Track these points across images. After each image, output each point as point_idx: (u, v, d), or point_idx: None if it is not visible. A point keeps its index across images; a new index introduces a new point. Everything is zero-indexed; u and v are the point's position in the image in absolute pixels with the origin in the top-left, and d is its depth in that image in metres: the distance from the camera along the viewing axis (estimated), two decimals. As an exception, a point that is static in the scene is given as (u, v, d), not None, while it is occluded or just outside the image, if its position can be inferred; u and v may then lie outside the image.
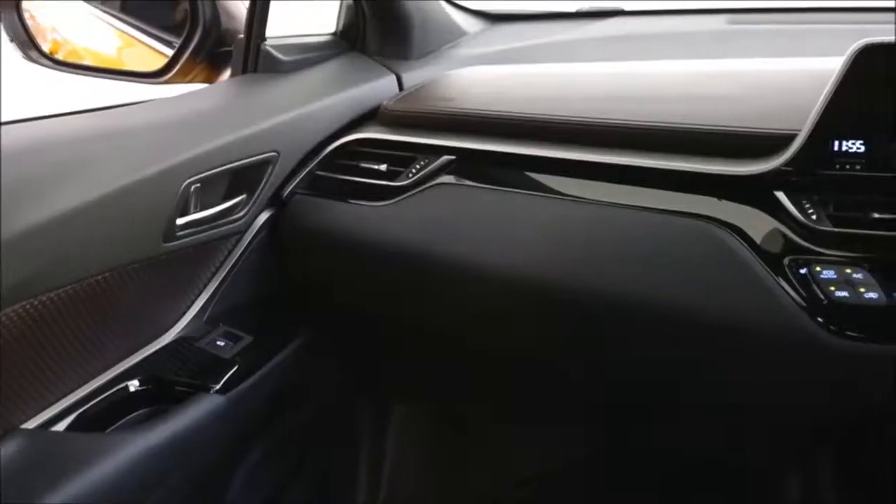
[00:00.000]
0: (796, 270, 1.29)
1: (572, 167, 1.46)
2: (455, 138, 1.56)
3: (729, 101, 1.45)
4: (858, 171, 1.27)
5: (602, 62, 1.72)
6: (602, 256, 1.42)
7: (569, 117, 1.51)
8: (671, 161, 1.40)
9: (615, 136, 1.46)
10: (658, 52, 1.77)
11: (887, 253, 1.26)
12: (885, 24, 1.77)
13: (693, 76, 1.58)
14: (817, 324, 1.28)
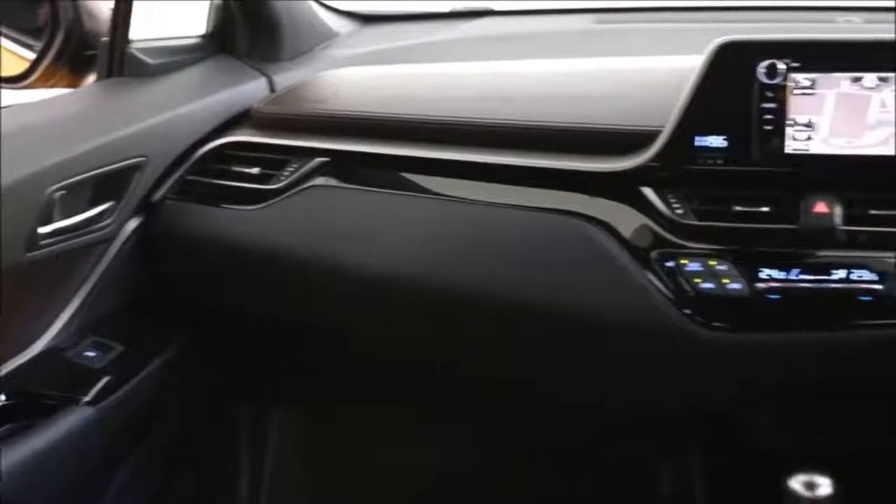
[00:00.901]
0: (663, 264, 1.32)
1: (446, 167, 1.47)
2: (328, 140, 1.55)
3: (597, 100, 1.47)
4: (720, 165, 1.31)
5: (474, 62, 1.73)
6: (477, 255, 1.44)
7: (442, 117, 1.51)
8: (542, 159, 1.42)
9: (488, 136, 1.47)
10: (528, 51, 1.78)
11: (749, 244, 1.30)
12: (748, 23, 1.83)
13: (562, 75, 1.60)
14: (685, 315, 1.31)
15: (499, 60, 1.71)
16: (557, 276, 1.39)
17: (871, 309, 1.26)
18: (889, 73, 1.26)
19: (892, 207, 1.27)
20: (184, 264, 1.62)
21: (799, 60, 1.27)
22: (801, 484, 1.29)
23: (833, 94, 1.27)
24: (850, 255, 1.28)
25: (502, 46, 1.87)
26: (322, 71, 1.77)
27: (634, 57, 1.62)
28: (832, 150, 1.28)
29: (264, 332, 1.70)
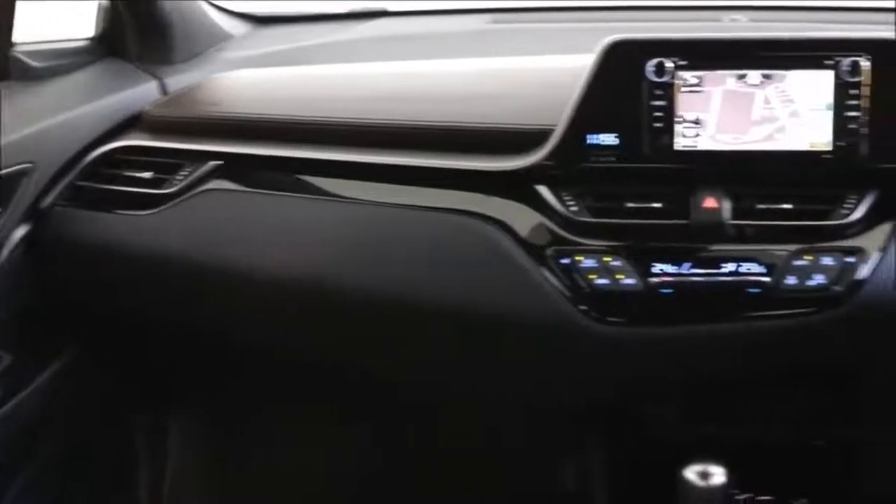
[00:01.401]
0: (559, 261, 1.33)
1: (342, 168, 1.46)
2: (222, 143, 1.53)
3: (492, 99, 1.48)
4: (612, 163, 1.33)
5: (370, 63, 1.73)
6: (375, 256, 1.44)
7: (338, 119, 1.51)
8: (438, 159, 1.42)
9: (383, 136, 1.47)
10: (424, 51, 1.79)
11: (642, 240, 1.33)
12: (639, 23, 1.87)
13: (458, 75, 1.61)
14: (580, 311, 1.33)
15: (395, 61, 1.71)
16: (455, 275, 1.40)
17: (759, 301, 1.30)
18: (772, 70, 1.29)
19: (777, 201, 1.31)
20: (75, 271, 1.58)
21: (686, 59, 1.30)
22: (696, 474, 1.31)
23: (719, 91, 1.30)
24: (738, 248, 1.31)
25: (398, 47, 1.87)
26: (215, 73, 1.75)
27: (529, 56, 1.64)
28: (719, 147, 1.31)
29: (161, 337, 1.67)
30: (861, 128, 1.27)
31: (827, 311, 1.29)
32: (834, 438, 1.53)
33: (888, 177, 1.29)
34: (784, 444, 1.54)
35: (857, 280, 1.28)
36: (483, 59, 1.67)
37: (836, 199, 1.31)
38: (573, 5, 1.94)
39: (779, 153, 1.30)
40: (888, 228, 1.29)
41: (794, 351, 1.37)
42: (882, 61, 1.26)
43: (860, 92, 1.27)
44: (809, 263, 1.28)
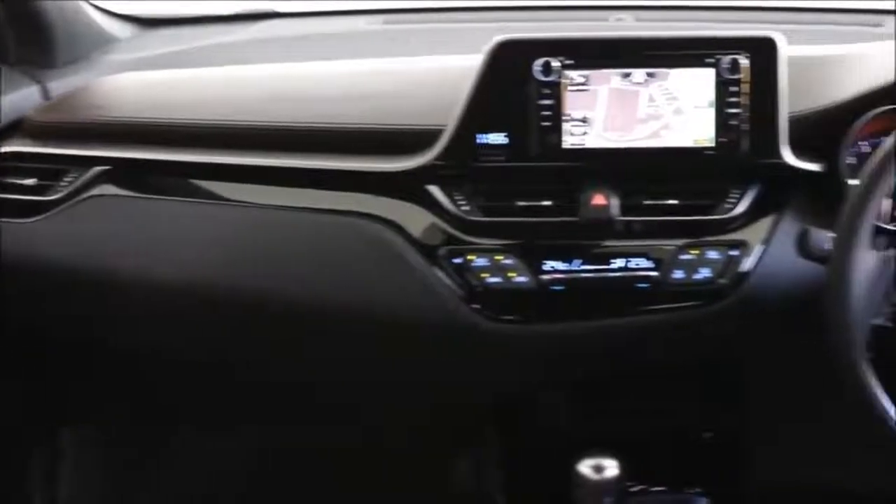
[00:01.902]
0: (451, 261, 1.34)
1: (233, 172, 1.44)
2: (109, 148, 1.49)
3: (384, 100, 1.48)
4: (502, 162, 1.34)
5: (260, 64, 1.71)
6: (269, 260, 1.42)
7: (228, 121, 1.49)
8: (329, 161, 1.42)
9: (275, 139, 1.45)
10: (315, 52, 1.77)
11: (533, 238, 1.34)
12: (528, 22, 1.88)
13: (349, 76, 1.60)
14: (474, 310, 1.34)
15: (285, 63, 1.69)
16: (349, 277, 1.40)
17: (648, 295, 1.32)
18: (656, 68, 1.32)
19: (664, 197, 1.34)
20: None
21: (572, 58, 1.32)
22: (589, 467, 1.33)
23: (605, 89, 1.32)
24: (627, 244, 1.33)
25: (288, 48, 1.85)
26: (100, 76, 1.70)
27: (420, 57, 1.64)
28: (606, 144, 1.33)
29: (50, 349, 1.63)
30: (742, 124, 1.31)
31: (713, 304, 1.32)
32: (722, 429, 1.56)
33: (769, 171, 1.32)
34: (676, 436, 1.58)
35: (741, 272, 1.31)
36: (375, 59, 1.66)
37: (720, 193, 1.34)
38: (463, 6, 1.94)
39: (664, 150, 1.32)
40: (769, 221, 1.33)
41: (683, 343, 1.40)
42: (760, 59, 1.30)
43: (740, 89, 1.30)
44: (695, 257, 1.31)
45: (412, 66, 1.60)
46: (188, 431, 1.81)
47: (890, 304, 1.12)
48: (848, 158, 1.33)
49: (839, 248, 1.11)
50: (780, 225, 1.32)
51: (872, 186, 1.10)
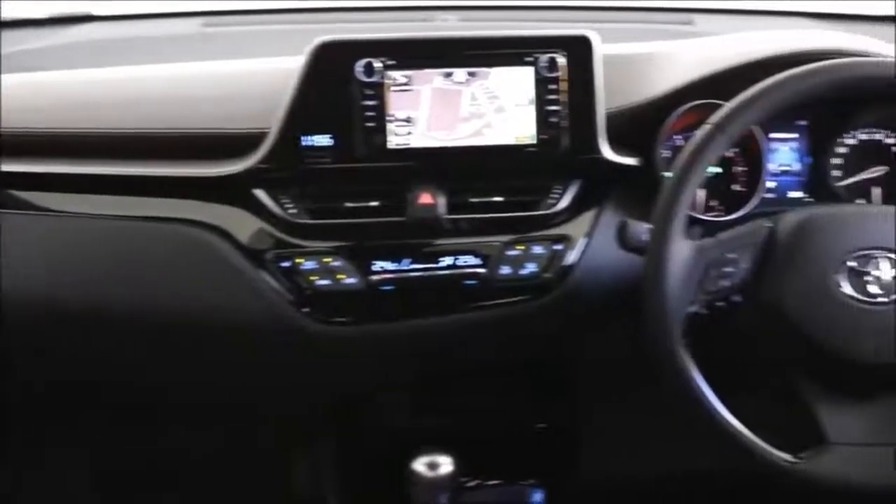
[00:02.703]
0: (280, 265, 1.33)
1: (51, 181, 1.39)
2: None
3: (206, 103, 1.45)
4: (328, 163, 1.33)
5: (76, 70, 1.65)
6: (98, 270, 1.39)
7: (43, 129, 1.43)
8: (153, 167, 1.38)
9: (96, 146, 1.41)
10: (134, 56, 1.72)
11: (362, 239, 1.34)
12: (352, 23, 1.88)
13: (170, 80, 1.56)
14: (304, 314, 1.33)
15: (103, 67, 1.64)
16: (180, 285, 1.37)
17: (477, 292, 1.34)
18: (477, 67, 1.33)
19: (489, 195, 1.36)
20: None
21: (394, 58, 1.32)
22: (424, 465, 1.34)
23: (428, 89, 1.33)
24: (455, 242, 1.35)
25: (106, 52, 1.79)
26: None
27: (242, 60, 1.61)
28: (431, 143, 1.34)
29: None
30: (561, 121, 1.34)
31: (540, 298, 1.35)
32: (554, 421, 1.60)
33: (589, 166, 1.36)
34: (509, 429, 1.60)
35: (565, 266, 1.34)
36: (197, 62, 1.62)
37: (543, 189, 1.37)
38: (285, 7, 1.93)
39: (487, 148, 1.34)
40: (591, 215, 1.36)
41: (514, 338, 1.42)
42: (576, 57, 1.33)
43: (559, 87, 1.33)
44: (521, 253, 1.34)
45: (234, 68, 1.57)
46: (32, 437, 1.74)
47: (704, 293, 1.16)
48: (663, 152, 1.38)
49: (655, 238, 1.15)
50: (601, 218, 1.36)
51: (684, 178, 1.14)
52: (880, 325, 1.12)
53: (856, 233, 1.16)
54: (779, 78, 1.15)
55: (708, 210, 1.44)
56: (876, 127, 1.46)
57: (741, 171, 1.44)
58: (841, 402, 1.15)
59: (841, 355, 1.13)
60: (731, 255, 1.17)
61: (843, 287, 1.13)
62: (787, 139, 1.46)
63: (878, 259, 1.14)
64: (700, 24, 1.85)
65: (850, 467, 1.13)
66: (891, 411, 1.15)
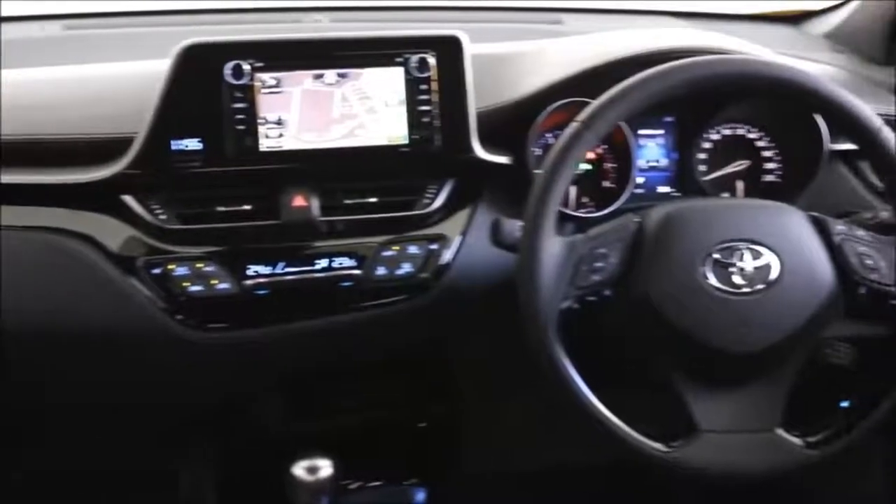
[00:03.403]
0: (151, 272, 1.30)
1: None
2: None
3: (71, 108, 1.41)
4: (198, 167, 1.31)
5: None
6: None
7: None
8: (18, 175, 1.34)
9: None
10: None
11: (235, 243, 1.32)
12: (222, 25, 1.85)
13: (32, 84, 1.51)
14: (177, 321, 1.31)
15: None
16: (50, 295, 1.34)
17: (353, 293, 1.34)
18: (348, 68, 1.33)
19: (364, 196, 1.36)
20: None
21: (263, 60, 1.31)
22: (304, 469, 1.33)
23: (298, 91, 1.32)
24: (330, 244, 1.34)
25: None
26: None
27: (106, 63, 1.57)
28: (304, 146, 1.33)
29: None
30: (433, 121, 1.34)
31: (417, 298, 1.35)
32: (437, 419, 1.61)
33: (462, 165, 1.37)
34: (392, 430, 1.60)
35: (441, 265, 1.35)
36: (58, 67, 1.58)
37: (418, 189, 1.37)
38: (152, 9, 1.88)
39: (360, 149, 1.34)
40: (466, 214, 1.38)
41: (393, 338, 1.42)
42: (446, 57, 1.34)
43: (430, 87, 1.34)
44: (397, 253, 1.34)
45: (99, 72, 1.53)
46: None
47: (576, 288, 1.17)
48: (534, 150, 1.40)
49: (527, 235, 1.16)
50: (475, 217, 1.37)
51: (553, 176, 1.16)
52: (745, 315, 1.16)
53: (719, 225, 1.19)
54: (641, 76, 1.18)
55: (580, 206, 1.47)
56: (739, 122, 1.51)
57: (611, 168, 1.47)
58: (710, 391, 1.18)
59: (708, 345, 1.16)
60: (602, 250, 1.19)
61: (709, 279, 1.16)
62: (655, 135, 1.50)
63: (741, 250, 1.17)
64: (569, 23, 1.88)
65: (719, 454, 1.16)
66: (757, 398, 1.18)
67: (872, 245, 1.21)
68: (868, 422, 1.19)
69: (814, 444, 1.18)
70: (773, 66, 1.21)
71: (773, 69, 1.20)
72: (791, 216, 1.22)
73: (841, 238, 1.20)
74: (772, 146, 1.51)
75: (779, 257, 1.17)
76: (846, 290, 1.19)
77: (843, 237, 1.20)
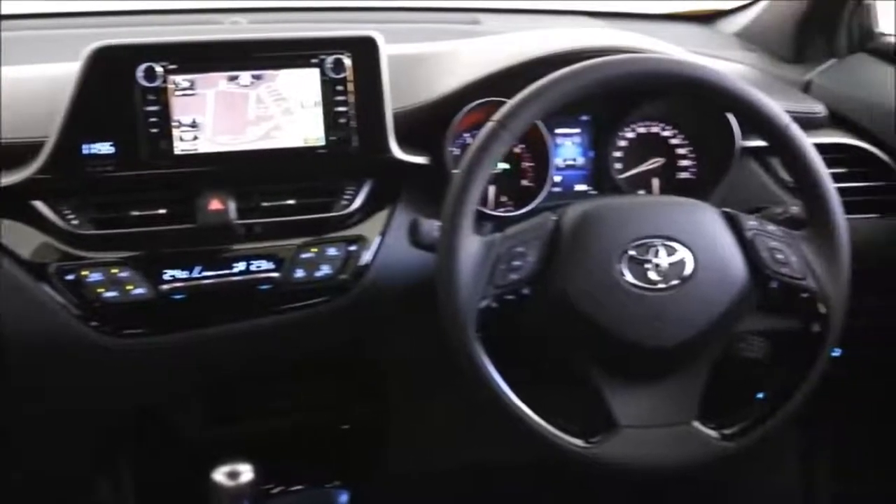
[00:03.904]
0: (64, 278, 1.28)
1: None
2: None
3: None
4: (111, 171, 1.29)
5: None
6: None
7: None
8: None
9: None
10: None
11: (151, 248, 1.30)
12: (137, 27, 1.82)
13: None
14: (92, 328, 1.29)
15: None
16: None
17: (271, 296, 1.33)
18: (262, 70, 1.32)
19: (281, 198, 1.35)
20: None
21: (176, 62, 1.30)
22: (224, 475, 1.32)
23: (212, 93, 1.31)
24: (248, 247, 1.33)
25: None
26: None
27: (16, 66, 1.54)
28: (219, 148, 1.32)
29: None
30: (350, 122, 1.34)
31: (337, 300, 1.35)
32: (360, 421, 1.60)
33: (380, 166, 1.36)
34: (315, 433, 1.59)
35: (360, 266, 1.34)
36: None
37: (336, 191, 1.37)
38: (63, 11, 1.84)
39: (276, 151, 1.33)
40: (385, 215, 1.37)
41: (314, 340, 1.41)
42: (362, 58, 1.34)
43: (346, 88, 1.34)
44: (315, 255, 1.33)
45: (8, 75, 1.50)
46: None
47: (494, 287, 1.17)
48: (453, 150, 1.40)
49: (444, 235, 1.16)
50: (394, 217, 1.37)
51: (470, 175, 1.16)
52: (660, 310, 1.17)
53: (634, 223, 1.20)
54: (556, 75, 1.19)
55: (498, 206, 1.47)
56: (653, 120, 1.53)
57: (529, 167, 1.48)
58: (627, 386, 1.19)
59: (625, 341, 1.17)
60: (519, 248, 1.19)
61: (625, 275, 1.17)
62: (571, 134, 1.51)
63: (656, 247, 1.18)
64: (486, 23, 1.89)
65: (637, 448, 1.18)
66: (673, 392, 1.20)
67: (783, 240, 1.23)
68: (781, 414, 1.21)
69: (729, 437, 1.20)
70: (684, 65, 1.23)
71: (685, 68, 1.22)
72: (704, 212, 1.23)
73: (753, 233, 1.22)
74: (686, 144, 1.53)
75: (693, 253, 1.18)
76: (758, 285, 1.21)
77: (754, 232, 1.22)
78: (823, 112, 1.56)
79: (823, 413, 1.69)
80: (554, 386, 1.27)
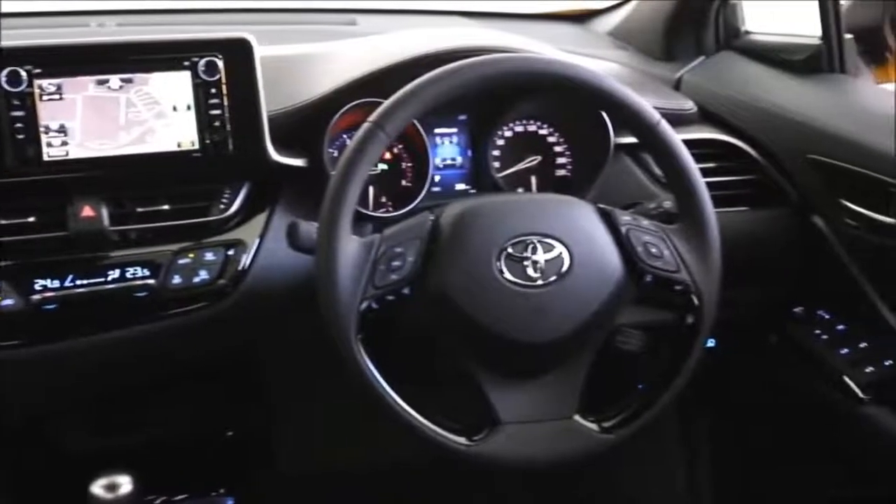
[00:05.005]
0: None
1: None
2: None
3: None
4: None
5: None
6: None
7: None
8: None
9: None
10: None
11: (20, 257, 1.27)
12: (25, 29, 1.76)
13: None
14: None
15: None
16: None
17: (148, 304, 1.30)
18: (133, 73, 1.29)
19: (156, 203, 1.33)
20: None
21: (41, 66, 1.26)
22: (102, 487, 1.28)
23: (81, 97, 1.28)
24: (123, 254, 1.30)
25: None
26: None
27: None
28: (90, 153, 1.29)
29: None
30: (225, 125, 1.32)
31: (217, 305, 1.33)
32: (245, 426, 1.58)
33: (257, 169, 1.35)
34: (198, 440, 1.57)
35: (239, 271, 1.33)
36: None
37: (213, 194, 1.35)
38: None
39: (149, 155, 1.31)
40: (263, 218, 1.36)
41: (195, 347, 1.39)
42: (235, 60, 1.32)
43: (219, 90, 1.32)
44: (192, 261, 1.31)
45: None
46: None
47: (374, 288, 1.17)
48: (331, 151, 1.40)
49: (322, 237, 1.15)
50: (272, 220, 1.36)
51: (347, 177, 1.16)
52: (539, 307, 1.18)
53: (512, 220, 1.21)
54: (430, 75, 1.19)
55: (378, 206, 1.47)
56: (530, 119, 1.55)
57: (408, 167, 1.49)
58: (509, 383, 1.20)
59: (505, 338, 1.17)
60: (398, 248, 1.19)
61: (504, 272, 1.18)
62: (449, 134, 1.52)
63: (533, 244, 1.20)
64: (363, 24, 1.89)
65: (519, 444, 1.19)
66: (554, 387, 1.21)
67: (657, 234, 1.25)
68: (659, 404, 1.24)
69: (609, 429, 1.22)
70: (556, 64, 1.25)
71: (557, 67, 1.24)
72: (579, 209, 1.25)
73: (627, 228, 1.24)
74: (562, 142, 1.55)
75: (569, 249, 1.20)
76: (633, 279, 1.23)
77: (629, 227, 1.24)
78: (693, 108, 1.60)
79: (701, 403, 1.73)
80: (439, 385, 1.27)
